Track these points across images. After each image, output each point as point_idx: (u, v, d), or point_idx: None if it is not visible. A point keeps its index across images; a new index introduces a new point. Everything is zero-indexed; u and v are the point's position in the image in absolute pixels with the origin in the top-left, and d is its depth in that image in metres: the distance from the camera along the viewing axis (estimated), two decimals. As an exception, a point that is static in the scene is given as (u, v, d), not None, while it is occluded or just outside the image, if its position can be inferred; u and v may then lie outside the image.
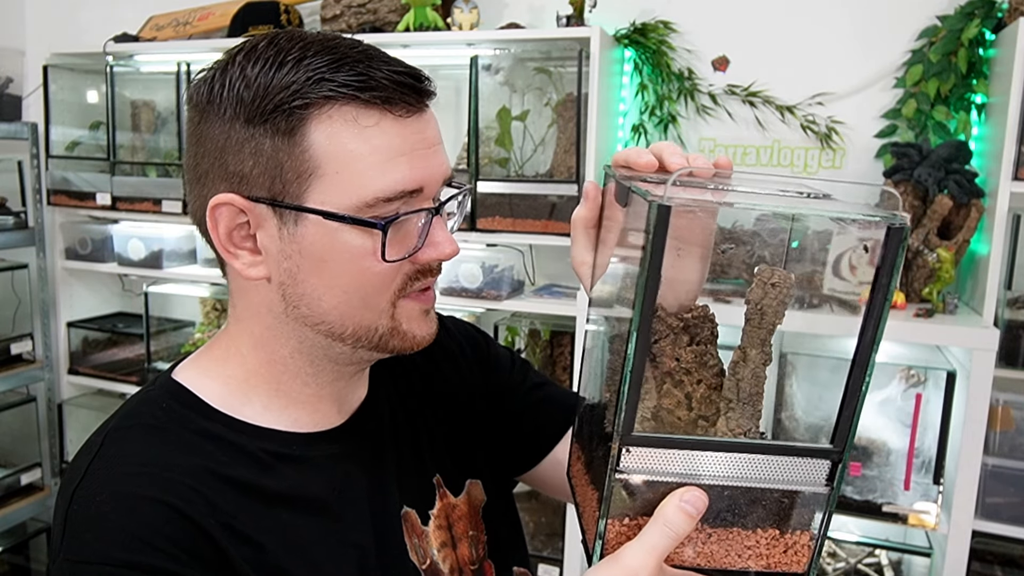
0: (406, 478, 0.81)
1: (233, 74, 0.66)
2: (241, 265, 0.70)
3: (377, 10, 2.14)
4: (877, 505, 1.71)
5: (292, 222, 0.67)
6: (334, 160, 0.65)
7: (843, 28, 1.98)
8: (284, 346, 0.74)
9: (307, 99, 0.64)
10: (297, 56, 0.65)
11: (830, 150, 2.02)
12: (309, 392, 0.76)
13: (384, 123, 0.66)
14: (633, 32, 2.09)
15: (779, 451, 0.59)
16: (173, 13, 2.48)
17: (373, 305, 0.70)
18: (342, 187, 0.65)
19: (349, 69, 0.65)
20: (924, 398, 1.68)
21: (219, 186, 0.68)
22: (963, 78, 1.85)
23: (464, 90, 2.06)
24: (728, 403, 0.62)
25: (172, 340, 2.64)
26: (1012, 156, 1.63)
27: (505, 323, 2.23)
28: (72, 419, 2.69)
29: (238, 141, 0.66)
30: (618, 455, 0.59)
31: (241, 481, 0.69)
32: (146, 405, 0.73)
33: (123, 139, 2.50)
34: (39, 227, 2.59)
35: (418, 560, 0.78)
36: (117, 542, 0.62)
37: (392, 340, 0.72)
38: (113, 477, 0.66)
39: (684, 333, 0.64)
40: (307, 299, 0.70)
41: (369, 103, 0.65)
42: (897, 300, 1.74)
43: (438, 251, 0.70)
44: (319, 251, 0.67)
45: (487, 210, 2.00)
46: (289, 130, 0.65)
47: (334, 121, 0.65)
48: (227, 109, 0.66)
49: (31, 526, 2.70)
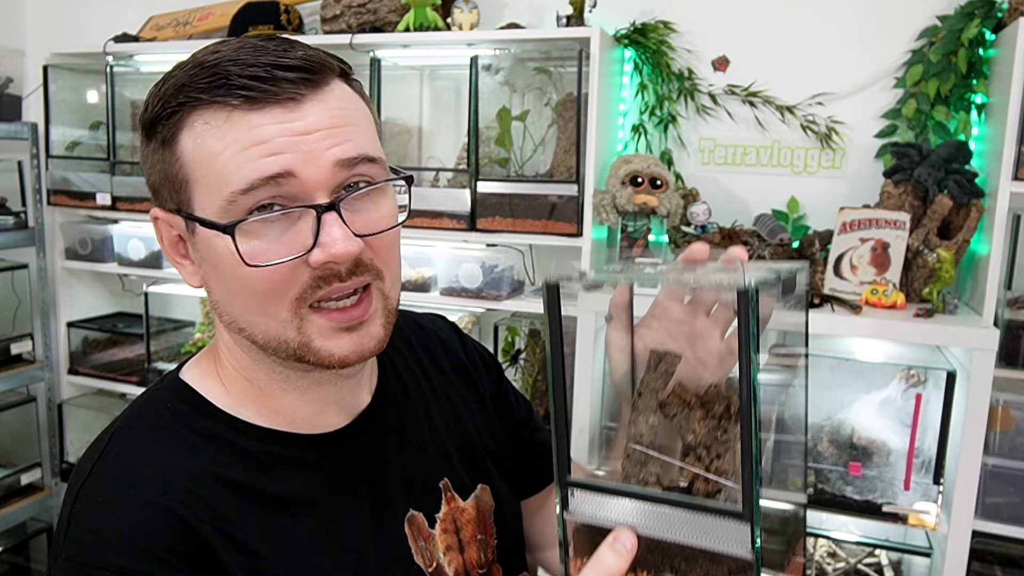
0: (412, 481, 0.81)
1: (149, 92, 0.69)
2: (185, 275, 0.72)
3: (377, 10, 2.14)
4: (877, 505, 1.71)
5: (192, 231, 0.68)
6: (199, 164, 0.65)
7: (843, 28, 1.98)
8: (245, 354, 0.74)
9: (171, 108, 0.65)
10: (182, 64, 0.67)
11: (830, 150, 2.02)
12: (293, 397, 0.75)
13: (234, 117, 0.64)
14: (633, 32, 2.09)
15: (696, 508, 0.60)
16: (173, 13, 2.48)
17: (273, 314, 0.67)
18: (209, 190, 0.65)
19: (206, 71, 0.64)
20: (924, 398, 1.68)
21: (152, 201, 0.71)
22: (963, 78, 1.85)
23: (464, 90, 2.06)
24: (727, 475, 0.64)
25: (172, 340, 2.64)
26: (1012, 156, 1.63)
27: (505, 323, 2.23)
28: (72, 419, 2.69)
29: (144, 156, 0.70)
30: (563, 500, 0.64)
31: (241, 484, 0.69)
32: (152, 405, 0.74)
33: (123, 139, 2.50)
34: (39, 227, 2.59)
35: (424, 563, 0.78)
36: (114, 547, 0.63)
37: (307, 355, 0.69)
38: (116, 479, 0.68)
39: (699, 408, 0.66)
40: (221, 306, 0.71)
41: (220, 103, 0.64)
42: (897, 300, 1.74)
43: (326, 252, 0.65)
44: (212, 259, 0.67)
45: (487, 210, 2.00)
46: (165, 141, 0.67)
47: (195, 126, 0.65)
48: (139, 127, 0.69)
49: (31, 526, 2.69)
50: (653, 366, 0.68)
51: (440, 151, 2.33)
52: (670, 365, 0.68)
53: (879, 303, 1.75)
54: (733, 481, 0.62)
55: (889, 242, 1.79)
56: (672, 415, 0.66)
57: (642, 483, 0.65)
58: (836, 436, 1.79)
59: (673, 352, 0.68)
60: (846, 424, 1.78)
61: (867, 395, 1.78)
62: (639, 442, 0.66)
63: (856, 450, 1.77)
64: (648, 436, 0.66)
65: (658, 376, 0.67)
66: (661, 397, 0.67)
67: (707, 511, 0.59)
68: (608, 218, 1.87)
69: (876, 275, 1.80)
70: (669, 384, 0.67)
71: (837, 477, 1.76)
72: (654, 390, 0.67)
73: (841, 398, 1.79)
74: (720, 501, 0.62)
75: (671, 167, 2.12)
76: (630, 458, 0.66)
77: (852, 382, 1.79)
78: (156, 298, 2.56)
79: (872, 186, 1.96)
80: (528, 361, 2.22)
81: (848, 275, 1.83)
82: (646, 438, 0.66)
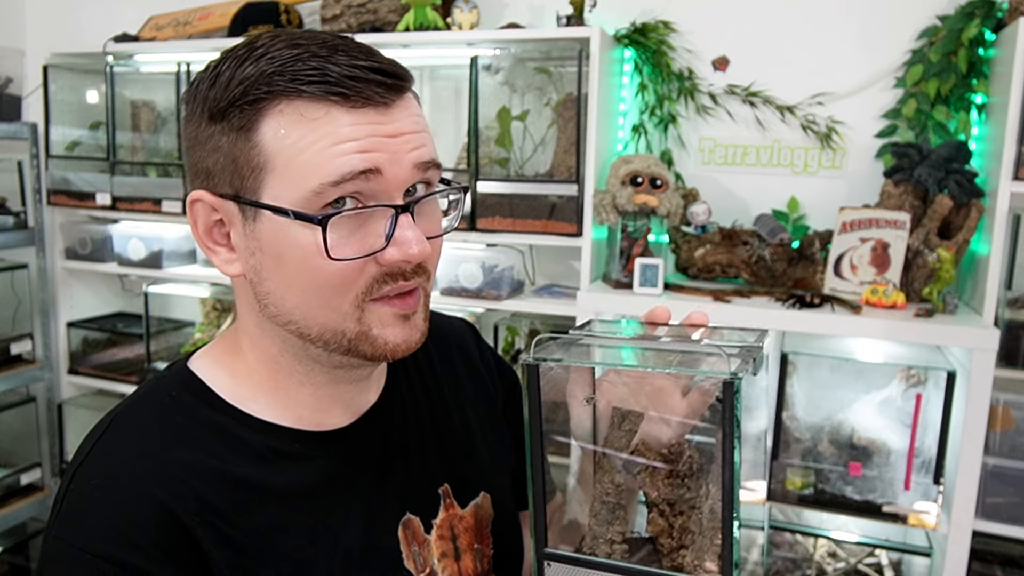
0: (411, 485, 0.80)
1: (209, 73, 0.67)
2: (219, 261, 0.71)
3: (377, 10, 2.14)
4: (877, 505, 1.71)
5: (252, 218, 0.67)
6: (282, 153, 0.64)
7: (843, 28, 1.98)
8: (273, 344, 0.74)
9: (258, 95, 0.64)
10: (260, 53, 0.65)
11: (830, 150, 2.02)
12: (307, 392, 0.75)
13: (333, 113, 0.64)
14: (633, 32, 2.09)
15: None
16: (173, 13, 2.48)
17: (335, 307, 0.67)
18: (290, 180, 0.64)
19: (303, 64, 0.64)
20: (924, 398, 1.68)
21: (195, 183, 0.69)
22: (963, 78, 1.85)
23: (464, 90, 2.06)
24: (692, 536, 0.65)
25: (172, 340, 2.64)
26: (1012, 156, 1.63)
27: (505, 323, 2.23)
28: (72, 419, 2.69)
29: (203, 139, 0.67)
30: (539, 568, 0.67)
31: (238, 476, 0.70)
32: (156, 392, 0.74)
33: (123, 139, 2.50)
34: (39, 227, 2.59)
35: (416, 568, 0.78)
36: (100, 534, 0.64)
37: (362, 345, 0.69)
38: (110, 464, 0.68)
39: (663, 466, 0.68)
40: (272, 298, 0.69)
41: (318, 97, 0.64)
42: (897, 300, 1.74)
43: (401, 252, 0.66)
44: (275, 248, 0.67)
45: (487, 210, 2.00)
46: (242, 126, 0.65)
47: (284, 116, 0.64)
48: (197, 108, 0.68)
49: (31, 526, 2.69)
50: (617, 424, 0.68)
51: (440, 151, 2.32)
52: (633, 424, 0.68)
53: (879, 303, 1.75)
54: (697, 539, 0.64)
55: (889, 242, 1.79)
56: (636, 472, 0.67)
57: (609, 543, 0.67)
58: (836, 436, 1.79)
59: (636, 411, 0.68)
60: (846, 424, 1.78)
61: (867, 395, 1.78)
62: (605, 501, 0.67)
63: (856, 450, 1.77)
64: (614, 495, 0.67)
65: (622, 434, 0.68)
66: (625, 455, 0.68)
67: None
68: (608, 218, 1.87)
69: (876, 275, 1.80)
70: (632, 442, 0.68)
71: (837, 477, 1.76)
72: (618, 449, 0.68)
73: (841, 398, 1.79)
74: (688, 562, 0.64)
75: (671, 167, 2.12)
76: (596, 517, 0.67)
77: (852, 382, 1.79)
78: (156, 298, 2.56)
79: (872, 186, 1.96)
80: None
81: (848, 275, 1.83)
82: (612, 497, 0.67)
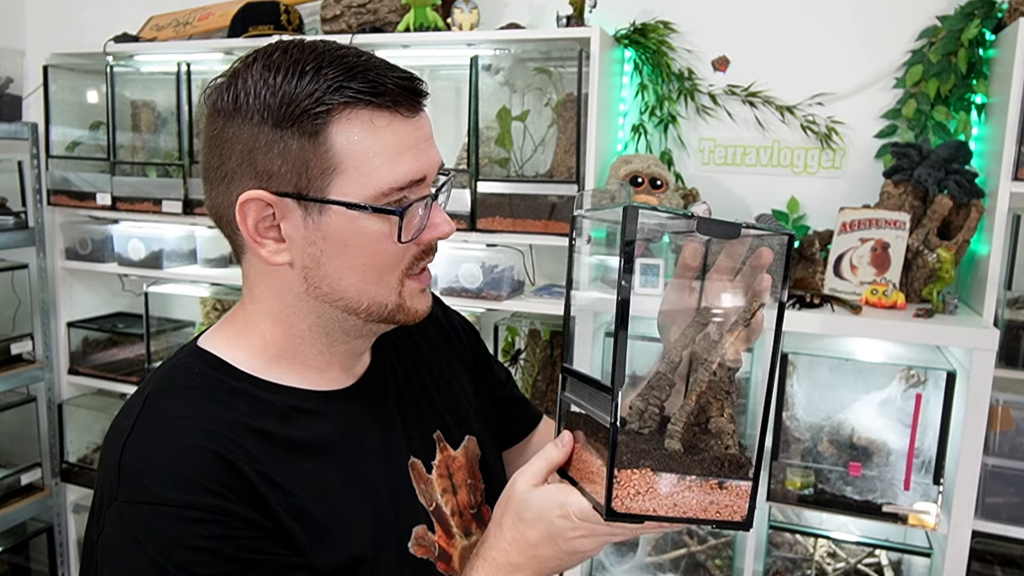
0: (411, 433, 0.93)
1: (257, 82, 0.75)
2: (267, 253, 0.79)
3: (377, 10, 2.14)
4: (877, 505, 1.71)
5: (317, 212, 0.77)
6: (353, 157, 0.75)
7: (843, 28, 1.98)
8: (303, 321, 0.84)
9: (328, 105, 0.74)
10: (315, 66, 0.75)
11: (830, 150, 2.02)
12: (322, 360, 0.86)
13: (395, 123, 0.77)
14: (633, 32, 2.09)
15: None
16: (173, 13, 2.48)
17: (385, 282, 0.81)
18: (361, 180, 0.76)
19: (362, 77, 0.75)
20: (924, 398, 1.68)
21: (247, 183, 0.77)
22: (963, 78, 1.85)
23: (464, 90, 2.06)
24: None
25: (172, 340, 2.64)
26: (1012, 156, 1.63)
27: (505, 323, 2.23)
28: (72, 419, 2.69)
29: (267, 143, 0.75)
30: (563, 381, 0.82)
31: (269, 432, 0.79)
32: (180, 371, 0.83)
33: (123, 139, 2.50)
34: (39, 227, 2.59)
35: (426, 502, 0.90)
36: (171, 484, 0.71)
37: (398, 314, 0.84)
38: (161, 431, 0.75)
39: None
40: (329, 279, 0.80)
41: (381, 106, 0.76)
42: (897, 300, 1.74)
43: (439, 231, 0.83)
44: (342, 237, 0.78)
45: (487, 210, 2.00)
46: (314, 132, 0.74)
47: (352, 123, 0.75)
48: (254, 114, 0.75)
49: (31, 526, 2.69)
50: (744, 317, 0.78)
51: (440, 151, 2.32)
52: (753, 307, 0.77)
53: (879, 303, 1.75)
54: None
55: (889, 242, 1.79)
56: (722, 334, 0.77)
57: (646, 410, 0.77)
58: (836, 436, 1.79)
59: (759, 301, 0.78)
60: (846, 424, 1.78)
61: (867, 395, 1.78)
62: (671, 359, 0.78)
63: (856, 450, 1.77)
64: (682, 358, 0.78)
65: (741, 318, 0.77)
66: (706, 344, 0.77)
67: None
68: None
69: (876, 275, 1.80)
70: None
71: (837, 477, 1.76)
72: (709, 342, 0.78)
73: (841, 398, 1.79)
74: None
75: (671, 167, 2.12)
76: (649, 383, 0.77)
77: (852, 382, 1.79)
78: (156, 298, 2.56)
79: (872, 186, 1.96)
80: (528, 361, 2.22)
81: (848, 275, 1.83)
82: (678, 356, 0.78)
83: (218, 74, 0.79)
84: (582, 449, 0.77)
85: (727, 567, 1.95)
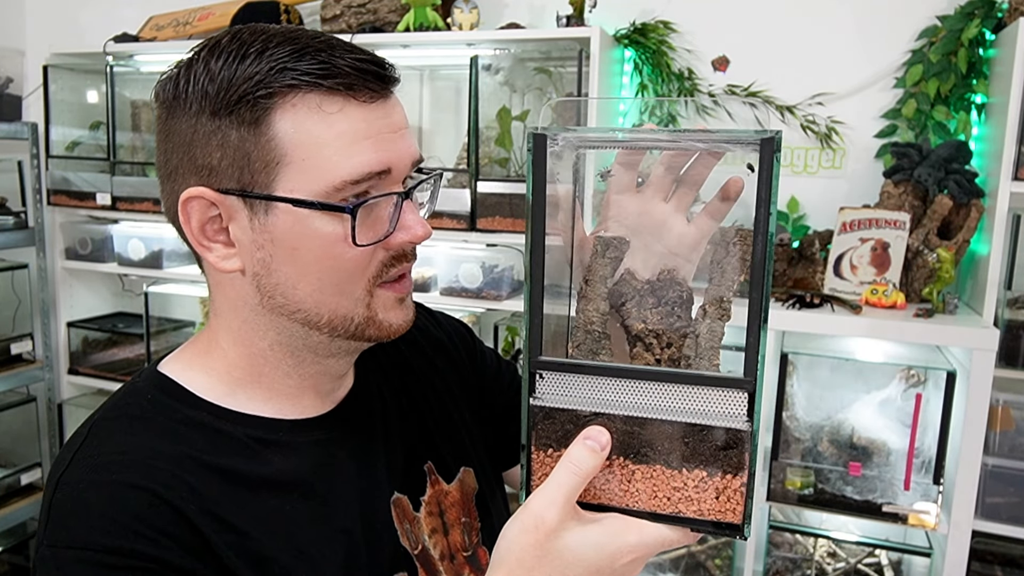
0: (396, 465, 0.81)
1: (197, 69, 0.66)
2: (215, 258, 0.70)
3: (377, 10, 2.14)
4: (877, 505, 1.71)
5: (263, 212, 0.67)
6: (300, 147, 0.65)
7: (843, 28, 1.98)
8: (263, 339, 0.74)
9: (270, 89, 0.65)
10: (259, 48, 0.66)
11: (830, 150, 2.02)
12: (291, 384, 0.76)
13: (348, 109, 0.66)
14: (633, 32, 2.09)
15: (689, 380, 0.58)
16: (173, 13, 2.48)
17: (348, 292, 0.70)
18: (309, 174, 0.66)
19: (311, 58, 0.65)
20: (924, 398, 1.68)
21: (189, 180, 0.68)
22: (963, 78, 1.85)
23: (464, 90, 2.06)
24: (687, 360, 0.62)
25: (172, 340, 2.64)
26: (1012, 156, 1.63)
27: (505, 323, 2.23)
28: (72, 419, 2.69)
29: (205, 134, 0.67)
30: (531, 380, 0.61)
31: (226, 469, 0.69)
32: (132, 396, 0.73)
33: (123, 139, 2.50)
34: (39, 227, 2.59)
35: (410, 545, 0.79)
36: (98, 528, 0.62)
37: (368, 329, 0.72)
38: (96, 466, 0.67)
39: (650, 295, 0.64)
40: (281, 288, 0.70)
41: (332, 90, 0.66)
42: (897, 300, 1.74)
43: (410, 234, 0.70)
44: (291, 239, 0.68)
45: (487, 210, 2.00)
46: (254, 120, 0.65)
47: (298, 109, 0.65)
48: (192, 104, 0.66)
49: (31, 526, 2.69)
50: (600, 253, 0.66)
51: (440, 151, 2.33)
52: (618, 251, 0.66)
53: (879, 303, 1.75)
54: (694, 363, 0.61)
55: (889, 242, 1.79)
56: (621, 303, 0.64)
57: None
58: (836, 436, 1.79)
59: (621, 238, 0.66)
60: (846, 424, 1.78)
61: (867, 395, 1.78)
62: (589, 331, 0.64)
63: (856, 450, 1.77)
64: (599, 325, 0.64)
65: (606, 262, 0.66)
66: (610, 284, 0.65)
67: (697, 381, 0.58)
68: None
69: (876, 275, 1.80)
70: (618, 271, 0.66)
71: (837, 477, 1.76)
72: (603, 277, 0.65)
73: (841, 398, 1.79)
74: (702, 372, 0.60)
75: (671, 167, 2.12)
76: (580, 348, 0.64)
77: (852, 382, 1.79)
78: (156, 298, 2.56)
79: (872, 186, 1.96)
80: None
81: (848, 275, 1.83)
82: (597, 326, 0.64)
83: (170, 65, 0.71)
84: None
85: (727, 567, 1.95)
